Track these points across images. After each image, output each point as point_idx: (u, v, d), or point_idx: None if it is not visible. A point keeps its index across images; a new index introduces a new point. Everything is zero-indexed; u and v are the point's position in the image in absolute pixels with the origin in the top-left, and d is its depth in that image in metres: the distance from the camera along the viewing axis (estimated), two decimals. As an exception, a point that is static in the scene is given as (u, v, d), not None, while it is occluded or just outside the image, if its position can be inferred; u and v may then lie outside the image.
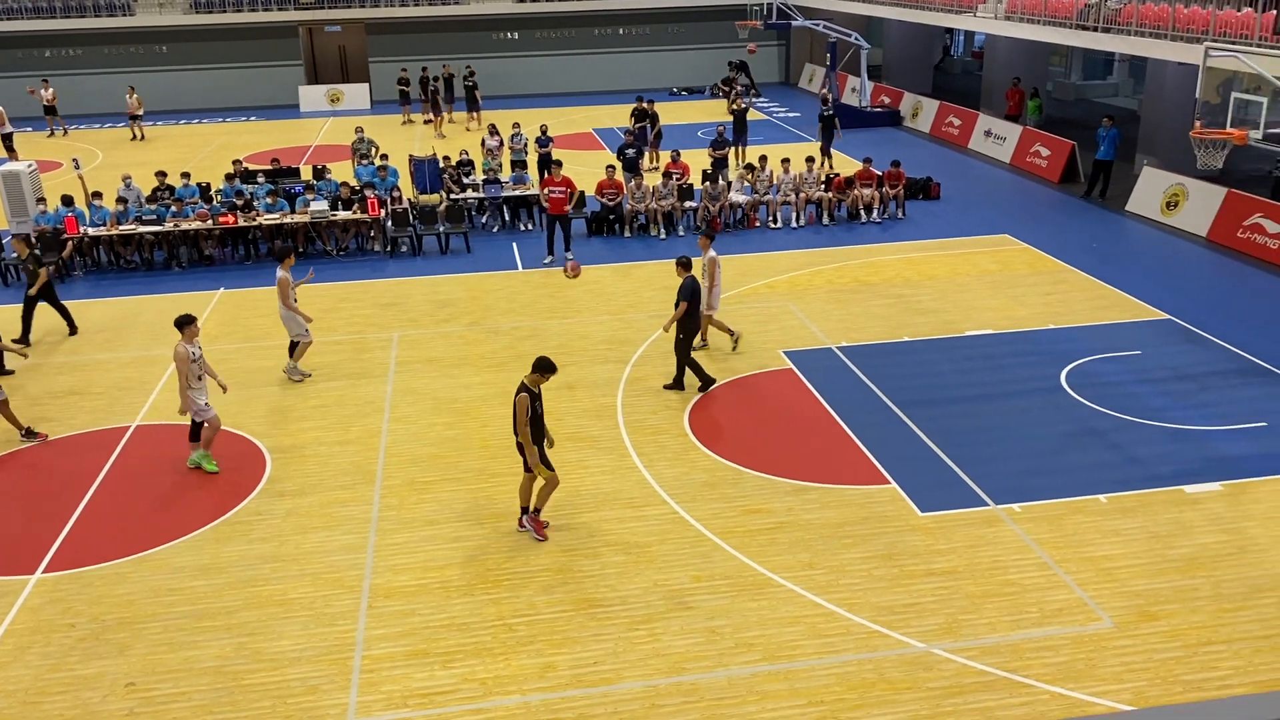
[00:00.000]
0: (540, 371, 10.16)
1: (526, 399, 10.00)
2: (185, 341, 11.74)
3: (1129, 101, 35.92)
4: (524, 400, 10.01)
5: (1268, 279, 17.83)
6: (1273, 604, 9.09)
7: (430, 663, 8.69)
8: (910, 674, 8.36)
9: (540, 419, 10.21)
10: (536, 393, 10.13)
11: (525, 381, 10.14)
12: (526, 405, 10.01)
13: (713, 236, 14.83)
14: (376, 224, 20.79)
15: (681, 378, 13.82)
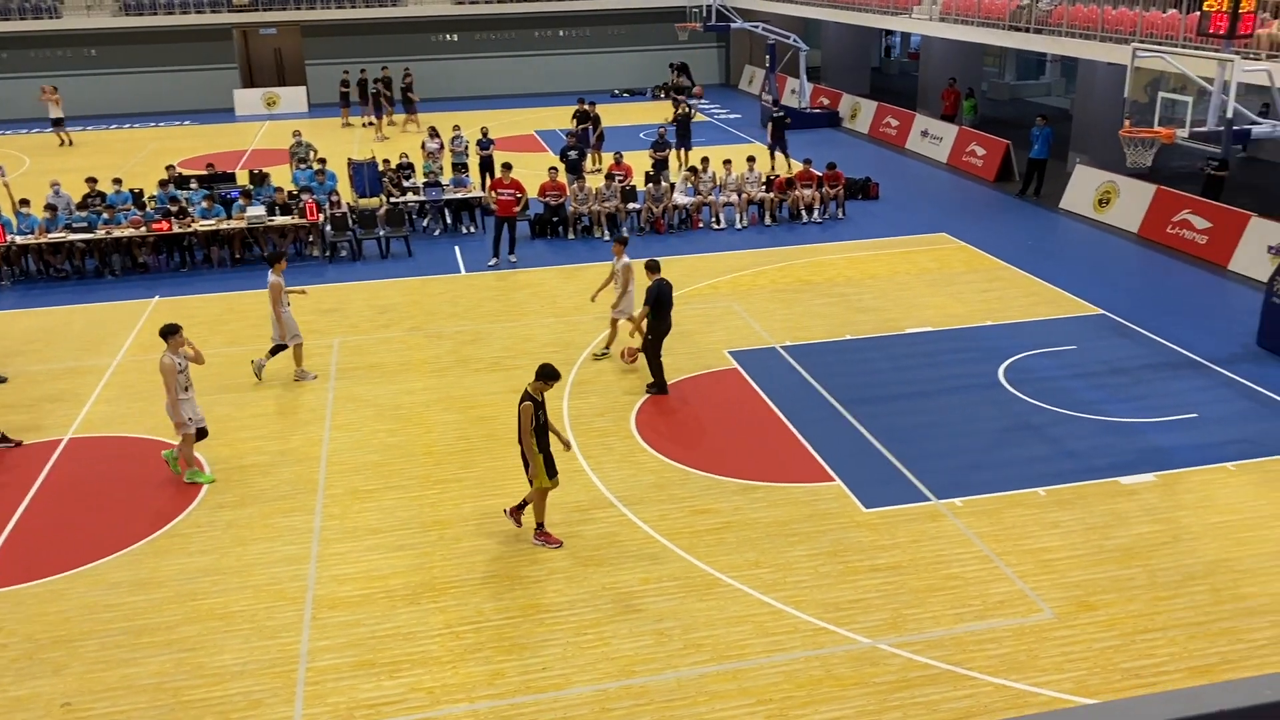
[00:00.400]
0: (544, 379, 10.07)
1: (531, 407, 9.92)
2: (171, 352, 11.47)
3: (1061, 101, 36.68)
4: (528, 409, 9.92)
5: (1196, 274, 18.30)
6: (1205, 591, 9.33)
7: (376, 673, 8.58)
8: (857, 670, 8.44)
9: (545, 427, 10.13)
10: (540, 400, 10.03)
11: (529, 389, 10.05)
12: (531, 413, 9.92)
13: (625, 242, 14.72)
14: (315, 229, 20.52)
15: (662, 379, 13.81)
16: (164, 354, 11.48)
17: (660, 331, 13.69)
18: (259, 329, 16.46)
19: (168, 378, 11.38)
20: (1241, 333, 15.27)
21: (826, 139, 31.31)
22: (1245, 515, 10.52)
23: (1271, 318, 14.66)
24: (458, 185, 22.47)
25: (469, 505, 11.15)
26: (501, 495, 11.33)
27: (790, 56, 33.50)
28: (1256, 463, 11.54)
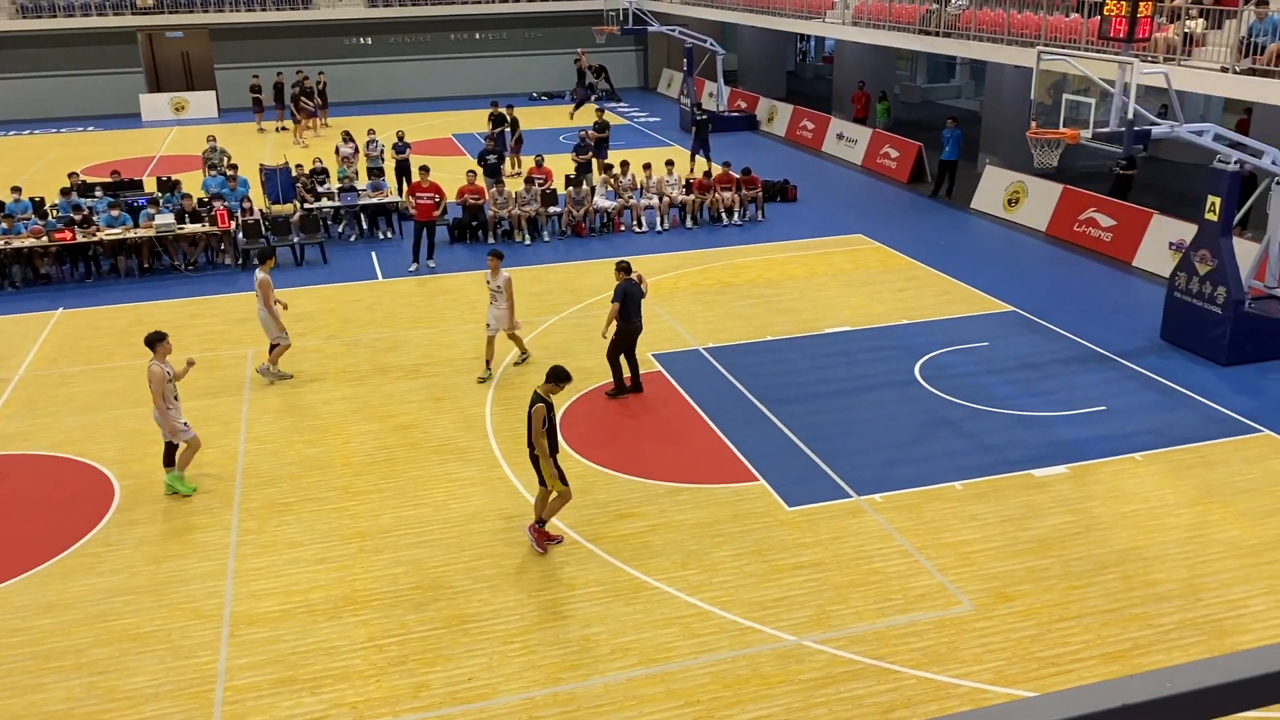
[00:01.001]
0: (555, 381, 10.00)
1: (543, 409, 9.81)
2: (158, 360, 11.23)
3: (971, 103, 37.54)
4: (540, 411, 9.81)
5: (1102, 270, 18.88)
6: (1117, 579, 9.61)
7: (297, 690, 8.39)
8: (783, 667, 8.51)
9: (554, 430, 10.03)
10: (550, 403, 9.93)
11: (539, 391, 9.95)
12: (543, 415, 9.81)
13: (502, 256, 14.32)
14: (227, 236, 20.04)
15: (638, 379, 13.74)
16: (151, 362, 11.25)
17: (628, 333, 13.56)
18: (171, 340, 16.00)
19: (156, 385, 11.14)
20: (1145, 327, 15.79)
21: (745, 142, 31.59)
22: (1153, 504, 10.87)
23: (1173, 312, 15.18)
24: (374, 190, 22.16)
25: (389, 516, 10.98)
26: (421, 505, 11.18)
27: (707, 60, 33.74)
28: (1162, 453, 11.94)
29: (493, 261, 14.27)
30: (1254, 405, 13.13)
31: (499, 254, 14.35)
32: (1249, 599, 9.26)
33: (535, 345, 15.65)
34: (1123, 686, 1.29)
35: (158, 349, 11.30)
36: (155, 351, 11.29)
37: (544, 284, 18.56)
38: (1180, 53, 17.42)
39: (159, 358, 11.27)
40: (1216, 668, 1.32)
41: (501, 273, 14.19)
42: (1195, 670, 1.32)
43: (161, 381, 11.19)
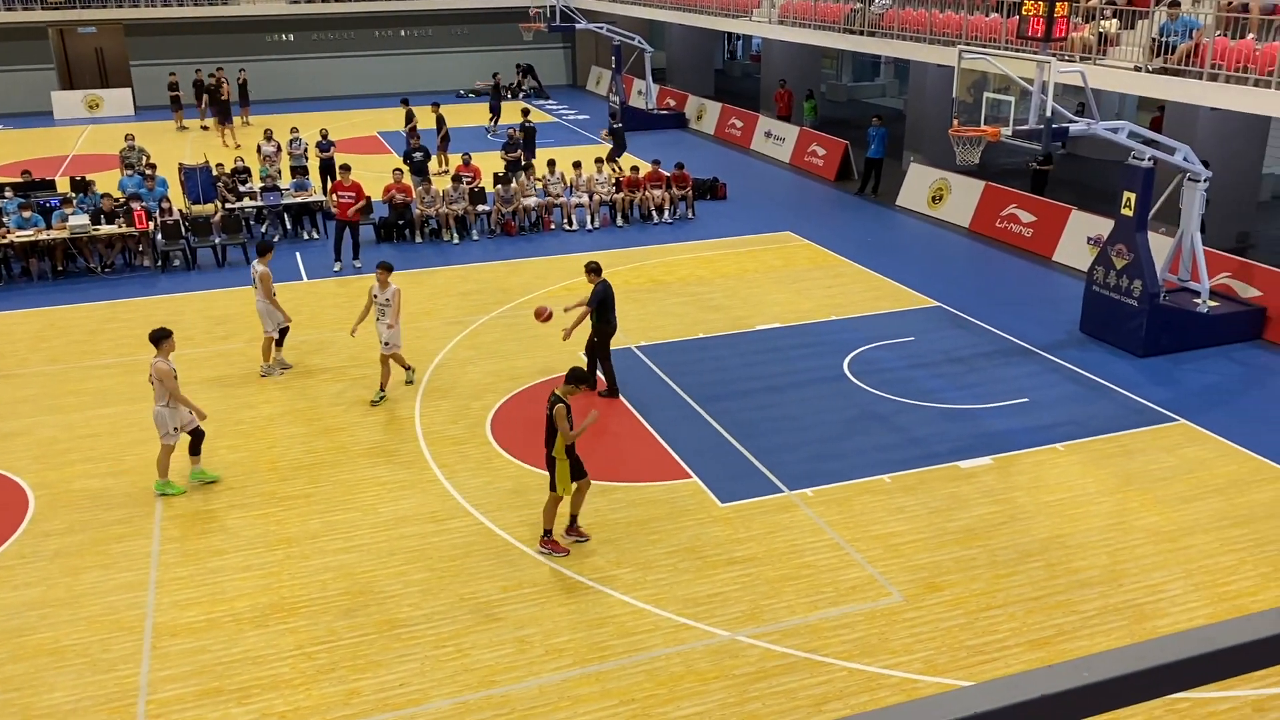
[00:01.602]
0: (575, 382, 9.90)
1: (564, 410, 9.73)
2: (163, 356, 11.12)
3: (895, 102, 38.14)
4: (562, 411, 9.72)
5: (1023, 265, 19.30)
6: (1041, 566, 9.82)
7: (224, 701, 8.20)
8: (718, 663, 8.54)
9: None
10: (569, 404, 9.82)
11: (558, 393, 9.84)
12: (565, 416, 9.71)
13: (390, 268, 13.51)
14: (145, 237, 19.51)
15: (614, 383, 13.62)
16: (157, 359, 11.11)
17: (606, 334, 13.47)
18: (84, 345, 15.57)
19: (166, 383, 11.02)
20: (1065, 320, 16.18)
21: (674, 140, 31.67)
22: (1074, 493, 11.13)
23: (1092, 305, 15.58)
24: (297, 189, 21.75)
25: (317, 521, 10.78)
26: (350, 509, 11.00)
27: (636, 58, 33.76)
28: (1083, 443, 12.24)
29: (380, 274, 13.36)
30: (1170, 395, 13.53)
31: (388, 266, 13.49)
32: (1167, 584, 9.54)
33: (466, 345, 15.51)
34: (1043, 677, 1.29)
35: (163, 346, 11.19)
36: (160, 348, 11.19)
37: (473, 283, 18.41)
38: (1096, 52, 17.88)
39: (164, 355, 11.16)
40: (1131, 655, 1.33)
41: (390, 285, 13.41)
42: (1112, 658, 1.33)
43: (171, 377, 11.08)
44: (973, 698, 1.20)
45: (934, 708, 1.20)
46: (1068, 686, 1.28)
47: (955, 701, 1.20)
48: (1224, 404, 13.30)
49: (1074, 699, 1.29)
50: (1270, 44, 14.83)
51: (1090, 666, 1.30)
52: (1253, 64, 15.01)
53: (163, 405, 11.16)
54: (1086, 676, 1.29)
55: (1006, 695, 1.25)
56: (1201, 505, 10.83)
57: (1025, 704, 1.25)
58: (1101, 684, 1.31)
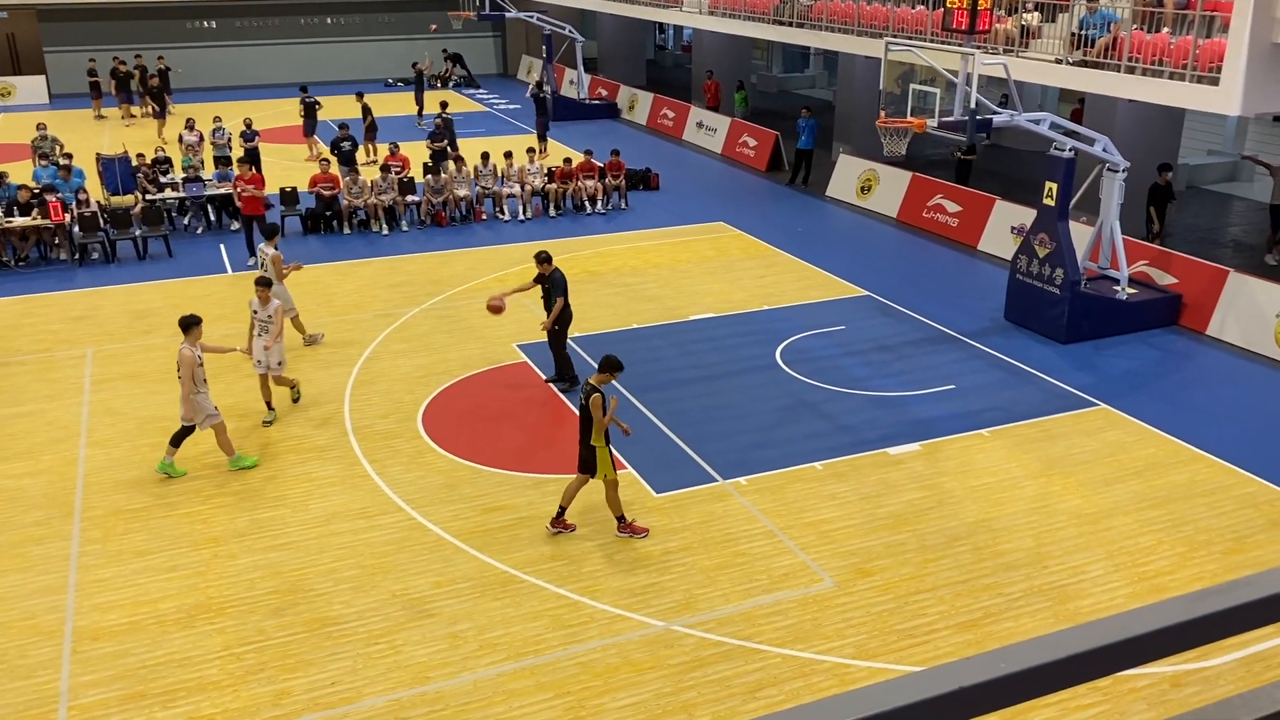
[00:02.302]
0: (609, 370, 9.90)
1: (600, 399, 9.74)
2: (190, 344, 11.10)
3: (825, 93, 38.47)
4: (599, 400, 9.72)
5: (949, 254, 19.63)
6: (968, 550, 10.01)
7: (149, 705, 8.00)
8: (653, 653, 8.56)
9: None
10: (603, 392, 9.83)
11: (592, 382, 9.84)
12: (601, 405, 9.72)
13: (270, 284, 12.71)
14: (61, 229, 18.91)
15: (570, 370, 13.49)
16: (183, 345, 11.10)
17: (566, 320, 13.33)
18: (1, 342, 15.05)
19: (186, 369, 11.01)
20: (990, 308, 16.50)
21: (606, 130, 31.59)
22: (1000, 478, 11.37)
23: (1016, 293, 15.90)
24: (220, 180, 21.25)
25: (245, 519, 10.57)
26: (279, 506, 10.81)
27: (566, 47, 33.58)
28: (1008, 428, 12.49)
29: (261, 292, 12.57)
30: (1090, 380, 13.87)
31: (267, 281, 12.73)
32: (1089, 565, 9.79)
33: (396, 338, 15.32)
34: (960, 669, 1.30)
35: (191, 333, 11.16)
36: (188, 335, 11.15)
37: (403, 275, 18.18)
38: (1018, 45, 18.22)
39: (191, 342, 11.13)
40: (1048, 645, 1.35)
41: (272, 301, 12.60)
42: (1028, 648, 1.34)
43: (192, 365, 11.03)
44: (888, 693, 1.21)
45: (850, 704, 1.20)
46: (985, 678, 1.29)
47: (871, 697, 1.20)
48: (1142, 388, 13.68)
49: (992, 690, 1.30)
50: (1184, 38, 15.24)
51: (1007, 657, 1.32)
52: (1168, 57, 15.42)
53: (194, 395, 11.18)
54: (1004, 667, 1.30)
55: (923, 689, 1.25)
56: (1121, 488, 11.14)
57: (942, 697, 1.26)
58: (1019, 674, 1.32)
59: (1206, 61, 14.72)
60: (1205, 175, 24.79)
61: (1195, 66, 14.86)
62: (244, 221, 18.61)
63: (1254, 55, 13.84)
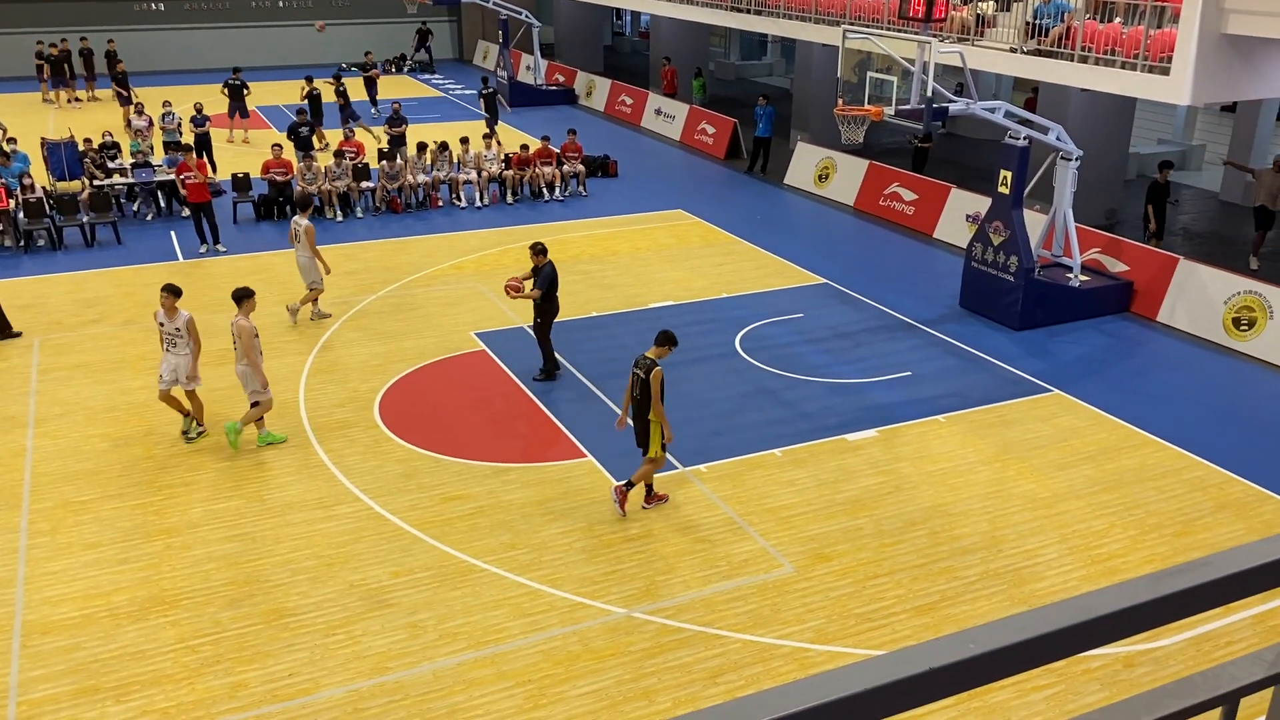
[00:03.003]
0: (667, 344, 10.02)
1: (661, 373, 9.81)
2: (245, 315, 11.21)
3: (782, 81, 38.56)
4: (660, 374, 9.87)
5: (906, 242, 19.79)
6: (925, 534, 10.12)
7: (101, 699, 7.87)
8: (613, 640, 8.56)
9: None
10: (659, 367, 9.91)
11: (651, 357, 9.86)
12: (661, 379, 9.80)
13: (179, 293, 11.52)
14: (5, 216, 18.48)
15: (553, 365, 13.36)
16: (239, 317, 11.18)
17: (551, 314, 13.19)
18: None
19: (246, 340, 11.09)
20: (946, 295, 16.66)
21: (564, 116, 31.41)
22: (956, 463, 11.49)
23: (970, 281, 16.06)
24: (170, 165, 20.86)
25: (199, 510, 10.42)
26: (234, 497, 10.67)
27: (523, 32, 33.35)
28: (963, 414, 12.63)
29: (166, 299, 11.37)
30: (1044, 366, 14.06)
31: (174, 289, 11.48)
32: (1043, 548, 9.93)
33: (352, 326, 15.16)
34: (929, 650, 1.30)
35: (244, 304, 11.24)
36: (242, 307, 11.24)
37: (358, 262, 17.99)
38: (974, 33, 18.36)
39: (245, 314, 11.19)
40: (1014, 626, 1.35)
41: (180, 312, 11.47)
42: (995, 630, 1.34)
43: (251, 335, 11.13)
44: (861, 673, 1.20)
45: (824, 684, 1.19)
46: (954, 659, 1.29)
47: (845, 678, 1.19)
48: (1095, 374, 13.89)
49: (960, 671, 1.30)
50: (1136, 28, 15.45)
51: (975, 639, 1.32)
52: (1120, 47, 15.63)
53: (244, 365, 11.26)
54: (972, 649, 1.30)
55: (894, 670, 1.25)
56: (1074, 472, 11.31)
57: (913, 678, 1.26)
58: (987, 655, 1.32)
59: (1158, 52, 14.94)
60: (1155, 164, 25.18)
61: (1147, 56, 15.08)
62: (192, 209, 18.31)
63: (1204, 46, 14.06)
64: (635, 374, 10.04)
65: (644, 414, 10.08)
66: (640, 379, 9.96)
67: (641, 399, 10.03)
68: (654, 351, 10.07)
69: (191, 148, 20.18)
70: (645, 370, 9.94)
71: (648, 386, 9.91)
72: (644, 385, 9.94)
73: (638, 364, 10.04)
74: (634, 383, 10.06)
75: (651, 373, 9.89)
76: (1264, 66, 14.68)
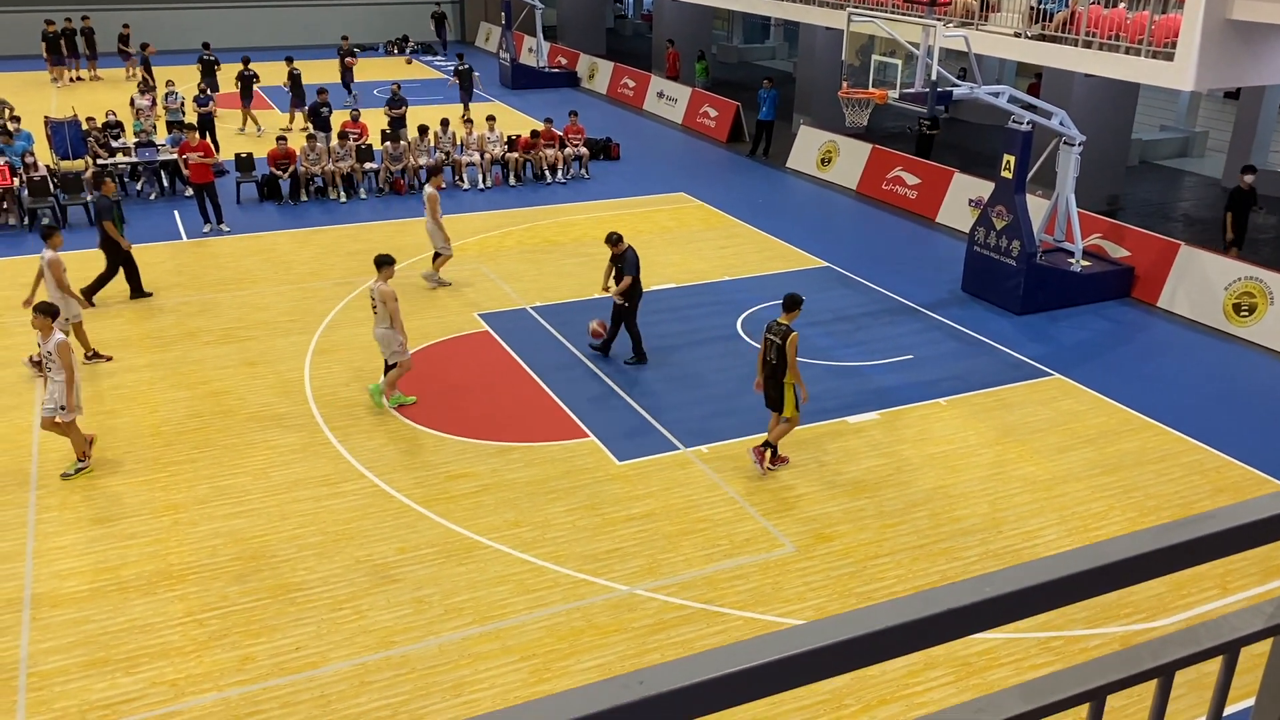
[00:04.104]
0: (796, 308, 10.42)
1: (797, 337, 10.32)
2: (384, 280, 11.70)
3: (785, 64, 38.49)
4: (796, 339, 10.29)
5: (908, 226, 19.82)
6: (925, 516, 10.21)
7: (111, 670, 7.97)
8: (616, 617, 8.66)
9: None
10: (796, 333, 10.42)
11: (784, 322, 10.34)
12: (796, 343, 10.31)
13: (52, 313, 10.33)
14: (9, 194, 18.50)
15: (640, 347, 13.46)
16: (379, 282, 11.69)
17: (636, 297, 13.27)
18: (-53, 307, 14.72)
19: (391, 304, 11.62)
20: (948, 279, 16.71)
21: (566, 99, 31.36)
22: (957, 445, 11.57)
23: (973, 265, 16.11)
24: (174, 145, 20.86)
25: (205, 487, 10.50)
26: (241, 474, 10.74)
27: (526, 14, 33.26)
28: (964, 397, 12.71)
29: (39, 321, 10.24)
30: (1045, 350, 14.13)
31: (48, 309, 10.28)
32: (1043, 529, 10.02)
33: (356, 306, 15.20)
34: (948, 593, 1.37)
35: (384, 270, 11.75)
36: (381, 272, 11.77)
37: (362, 243, 18.02)
38: (978, 18, 18.36)
39: (384, 278, 11.73)
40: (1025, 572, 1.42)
41: (55, 334, 10.27)
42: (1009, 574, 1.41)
43: (394, 299, 11.65)
44: (885, 613, 1.27)
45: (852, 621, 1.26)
46: (970, 600, 1.36)
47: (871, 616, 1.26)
48: (1095, 358, 13.96)
49: (977, 612, 1.37)
50: (1140, 13, 15.45)
51: (991, 582, 1.39)
52: (1124, 32, 15.63)
53: (385, 327, 11.69)
54: (988, 591, 1.37)
55: (915, 610, 1.32)
56: (1074, 455, 11.39)
57: (932, 617, 1.33)
58: (1000, 597, 1.39)
59: (1162, 37, 14.95)
60: (1158, 150, 25.20)
61: (1151, 42, 15.09)
62: (195, 189, 18.34)
63: (1208, 31, 14.08)
64: (770, 339, 10.45)
65: (778, 377, 10.46)
66: (776, 344, 10.37)
67: (777, 363, 10.40)
68: (785, 317, 10.44)
69: (195, 127, 20.16)
70: (781, 336, 10.34)
71: (783, 351, 10.30)
72: (780, 350, 10.33)
73: (771, 330, 10.44)
74: (768, 347, 10.49)
75: (788, 339, 10.28)
76: (1268, 52, 14.70)
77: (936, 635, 1.33)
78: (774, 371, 10.50)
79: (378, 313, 11.77)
